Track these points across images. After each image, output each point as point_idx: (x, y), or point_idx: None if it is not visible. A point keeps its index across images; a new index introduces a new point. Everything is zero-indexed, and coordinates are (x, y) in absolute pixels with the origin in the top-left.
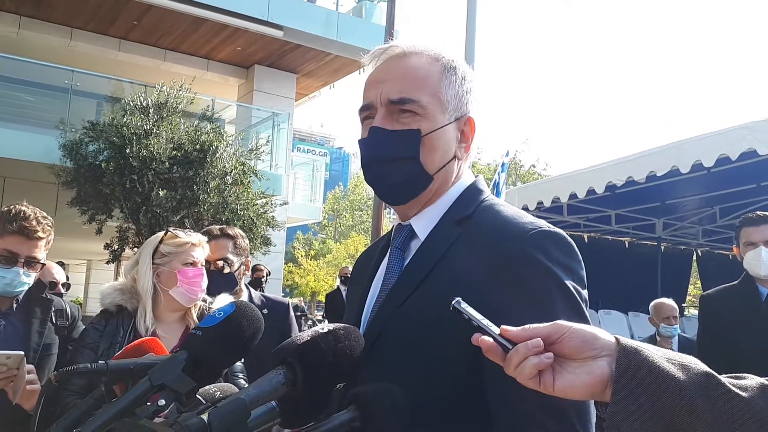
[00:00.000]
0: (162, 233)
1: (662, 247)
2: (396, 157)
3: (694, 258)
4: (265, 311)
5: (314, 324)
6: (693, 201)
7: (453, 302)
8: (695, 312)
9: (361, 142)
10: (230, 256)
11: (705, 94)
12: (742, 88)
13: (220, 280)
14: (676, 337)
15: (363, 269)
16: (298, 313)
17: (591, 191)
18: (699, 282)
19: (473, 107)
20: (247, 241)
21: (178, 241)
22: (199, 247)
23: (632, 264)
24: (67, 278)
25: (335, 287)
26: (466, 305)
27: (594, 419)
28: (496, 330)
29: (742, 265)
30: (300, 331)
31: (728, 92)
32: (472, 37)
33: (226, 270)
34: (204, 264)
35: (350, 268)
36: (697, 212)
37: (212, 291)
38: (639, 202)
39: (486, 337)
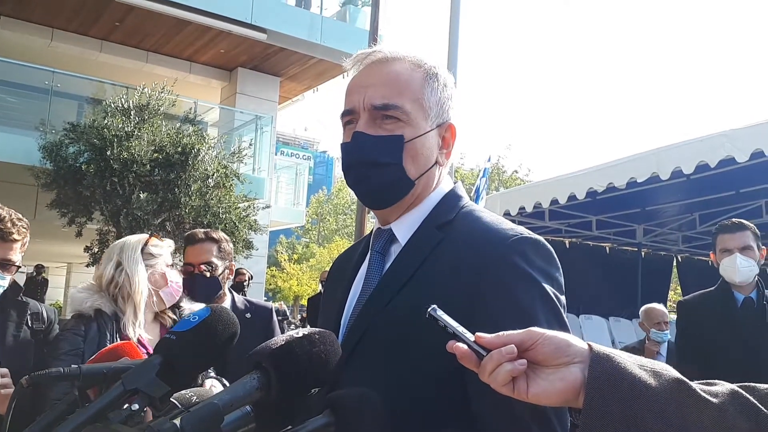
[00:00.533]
0: (141, 236)
1: (643, 253)
2: (379, 162)
3: (674, 264)
4: (248, 315)
5: (297, 328)
6: (673, 207)
7: (429, 309)
8: (674, 317)
9: (343, 147)
10: (214, 260)
11: (685, 101)
12: (721, 95)
13: (203, 284)
14: (666, 343)
15: (340, 273)
16: (280, 317)
17: (572, 197)
18: (679, 288)
19: (454, 114)
20: (231, 245)
21: (166, 243)
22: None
23: (613, 269)
24: (46, 279)
25: (318, 291)
26: (442, 312)
27: (568, 425)
28: (470, 337)
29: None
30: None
31: (708, 100)
32: (455, 43)
33: (209, 274)
34: (187, 268)
35: None
36: (677, 218)
37: (196, 295)
38: (620, 208)
39: (460, 344)
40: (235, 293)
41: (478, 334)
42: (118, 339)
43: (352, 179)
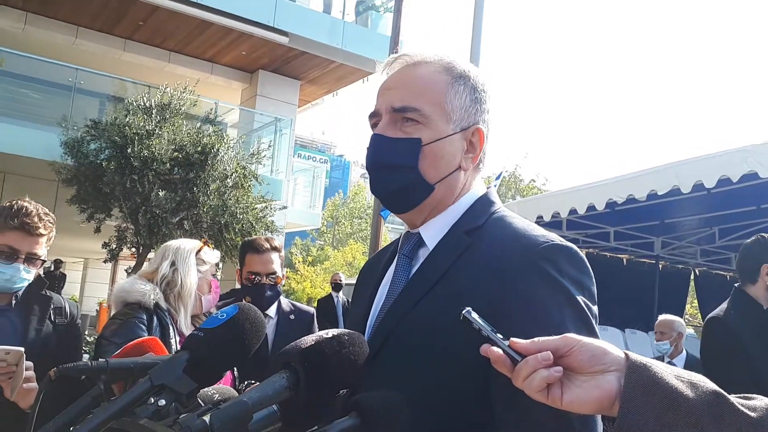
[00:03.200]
0: (197, 242)
1: (660, 266)
2: (394, 164)
3: (692, 277)
4: (292, 317)
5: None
6: (692, 221)
7: (464, 312)
8: (691, 331)
9: (367, 149)
10: (277, 269)
11: (706, 114)
12: (744, 109)
13: (269, 293)
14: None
15: (369, 276)
16: None
17: (591, 207)
18: (696, 301)
19: (484, 118)
20: (284, 252)
21: (215, 254)
22: None
23: (630, 281)
24: (64, 274)
25: (328, 293)
26: (477, 315)
27: None
28: (505, 341)
29: (746, 288)
30: None
31: (730, 113)
32: (477, 52)
33: (274, 282)
34: (252, 276)
35: (341, 275)
36: (696, 232)
37: (262, 303)
38: (638, 220)
39: (495, 348)
40: (281, 296)
41: (513, 339)
42: (177, 335)
43: (371, 182)
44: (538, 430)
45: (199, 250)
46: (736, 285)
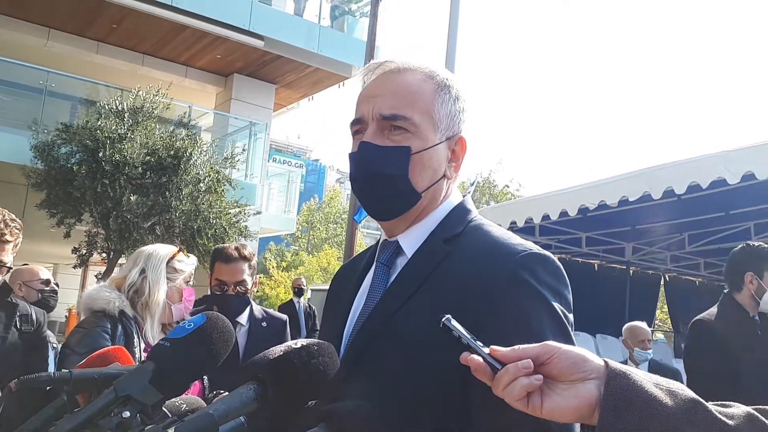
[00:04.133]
0: (172, 248)
1: (631, 271)
2: (384, 173)
3: (662, 283)
4: (264, 324)
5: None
6: (663, 227)
7: (443, 319)
8: (661, 336)
9: (351, 156)
10: (246, 278)
11: (677, 121)
12: (714, 116)
13: (235, 303)
14: (647, 362)
15: (344, 283)
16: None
17: (564, 213)
18: (666, 306)
19: (465, 127)
20: (256, 259)
21: (191, 261)
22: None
23: (601, 287)
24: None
25: (290, 299)
26: (456, 323)
27: None
28: (485, 349)
29: (733, 294)
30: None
31: (701, 121)
32: (452, 57)
33: (242, 292)
34: (219, 285)
35: (303, 280)
36: (666, 238)
37: (229, 312)
38: (610, 226)
39: (475, 356)
40: (253, 303)
41: (493, 347)
42: (143, 344)
43: (357, 190)
44: None
45: (172, 258)
46: (725, 291)
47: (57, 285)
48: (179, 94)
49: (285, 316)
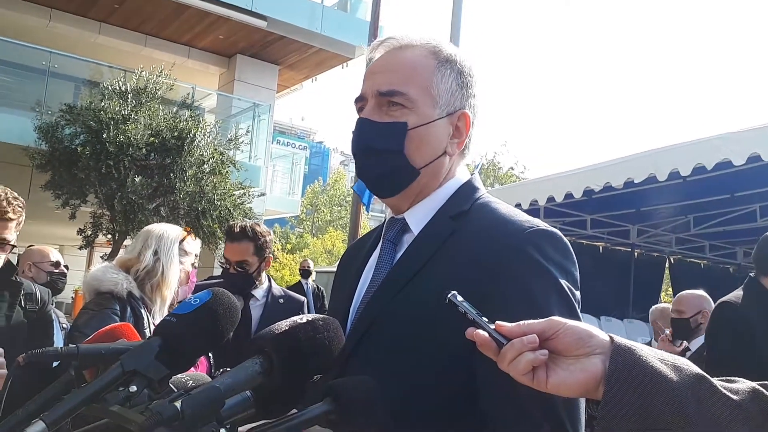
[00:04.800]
0: (179, 230)
1: (636, 254)
2: (381, 149)
3: (667, 265)
4: (281, 301)
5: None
6: (668, 209)
7: (449, 295)
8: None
9: (352, 133)
10: (249, 258)
11: (683, 102)
12: (719, 98)
13: (237, 281)
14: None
15: (351, 262)
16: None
17: (569, 195)
18: (670, 289)
19: (471, 103)
20: (270, 238)
21: (198, 243)
22: None
23: (606, 269)
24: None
25: (297, 281)
26: (462, 299)
27: (583, 418)
28: (491, 325)
29: (760, 278)
30: None
31: (706, 102)
32: (456, 37)
33: (244, 270)
34: (223, 263)
35: (310, 262)
36: (671, 220)
37: (230, 289)
38: (615, 208)
39: (481, 332)
40: (273, 282)
41: (499, 322)
42: (152, 325)
43: (357, 166)
44: (523, 416)
45: (182, 240)
46: (751, 274)
47: (67, 268)
48: (182, 75)
49: (303, 298)
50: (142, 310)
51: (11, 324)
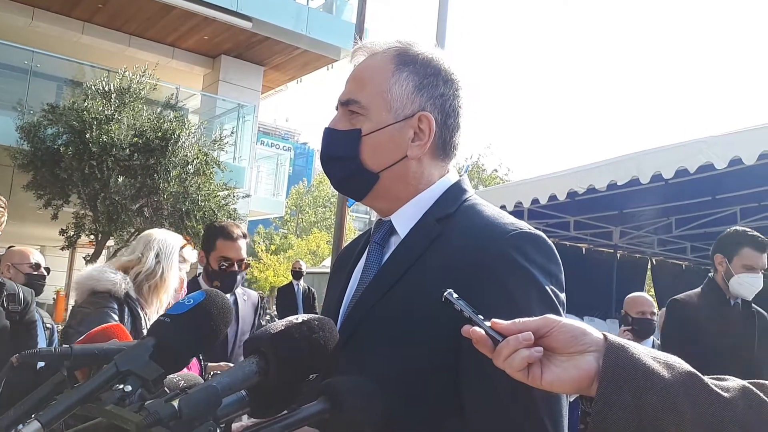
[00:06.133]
0: (179, 238)
1: (618, 255)
2: (338, 155)
3: (649, 266)
4: (245, 298)
5: (273, 318)
6: (650, 211)
7: (445, 293)
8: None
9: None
10: (245, 255)
11: (665, 105)
12: (701, 102)
13: (237, 278)
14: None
15: (343, 263)
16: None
17: (553, 197)
18: (652, 290)
19: (435, 103)
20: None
21: (194, 253)
22: None
23: (589, 270)
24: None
25: (290, 282)
26: (458, 296)
27: (564, 418)
28: (486, 323)
29: (715, 277)
30: (256, 324)
31: (688, 106)
32: (442, 39)
33: (243, 268)
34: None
35: (302, 263)
36: (653, 222)
37: (230, 287)
38: (598, 210)
39: (477, 329)
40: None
41: (494, 320)
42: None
43: (325, 173)
44: (504, 412)
45: (182, 247)
46: (710, 275)
47: (47, 270)
48: (166, 76)
49: (256, 294)
50: (139, 311)
51: None
